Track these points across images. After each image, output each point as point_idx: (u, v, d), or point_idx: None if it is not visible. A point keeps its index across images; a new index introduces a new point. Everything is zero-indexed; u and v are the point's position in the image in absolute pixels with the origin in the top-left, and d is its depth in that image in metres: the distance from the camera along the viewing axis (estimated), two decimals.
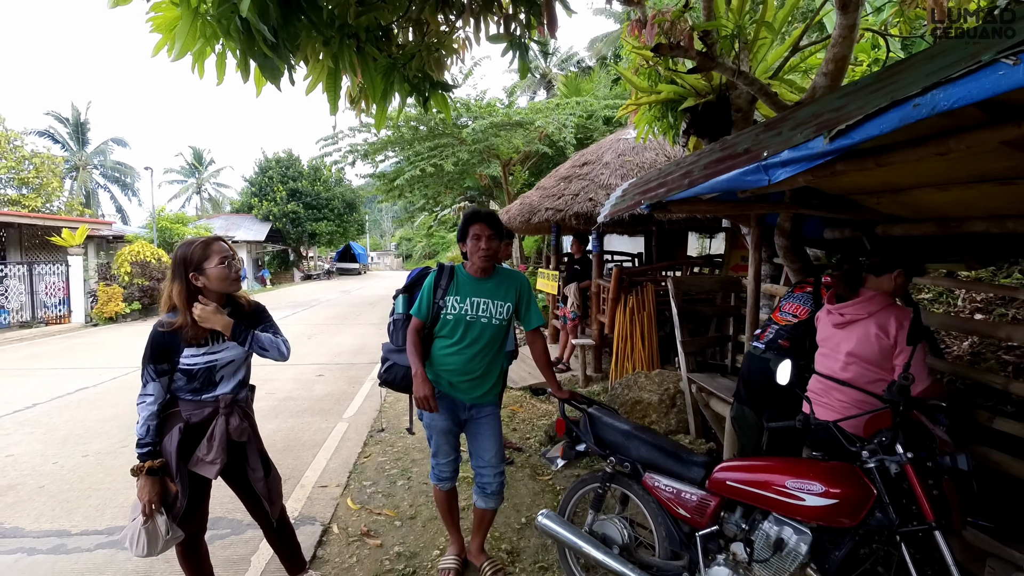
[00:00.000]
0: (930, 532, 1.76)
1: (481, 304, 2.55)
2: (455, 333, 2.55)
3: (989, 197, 2.67)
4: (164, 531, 2.08)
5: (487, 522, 2.78)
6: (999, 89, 1.09)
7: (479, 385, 2.59)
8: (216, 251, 2.11)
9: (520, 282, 2.66)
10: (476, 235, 2.54)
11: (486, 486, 2.66)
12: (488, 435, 2.63)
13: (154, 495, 2.05)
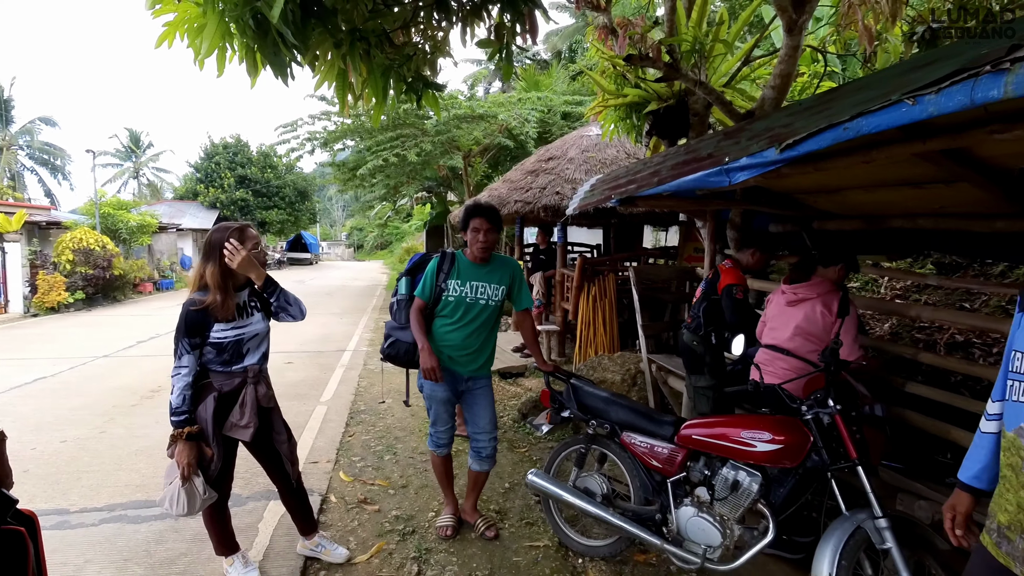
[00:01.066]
0: (854, 468, 2.20)
1: (479, 287, 2.84)
2: (456, 313, 2.83)
3: (905, 198, 3.17)
4: (202, 491, 2.29)
5: (480, 483, 3.09)
6: (902, 121, 1.48)
7: (476, 359, 2.89)
8: (250, 237, 2.32)
9: (514, 268, 2.97)
10: (476, 228, 2.82)
11: (481, 450, 2.96)
12: (483, 404, 2.94)
13: (193, 458, 2.25)
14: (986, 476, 1.51)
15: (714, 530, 2.36)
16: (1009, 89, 1.22)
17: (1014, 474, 1.35)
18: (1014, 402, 1.37)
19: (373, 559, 2.82)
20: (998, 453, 1.49)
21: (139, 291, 17.16)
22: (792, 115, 2.38)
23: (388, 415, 5.15)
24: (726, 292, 3.31)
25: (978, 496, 1.53)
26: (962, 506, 1.54)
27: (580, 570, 2.74)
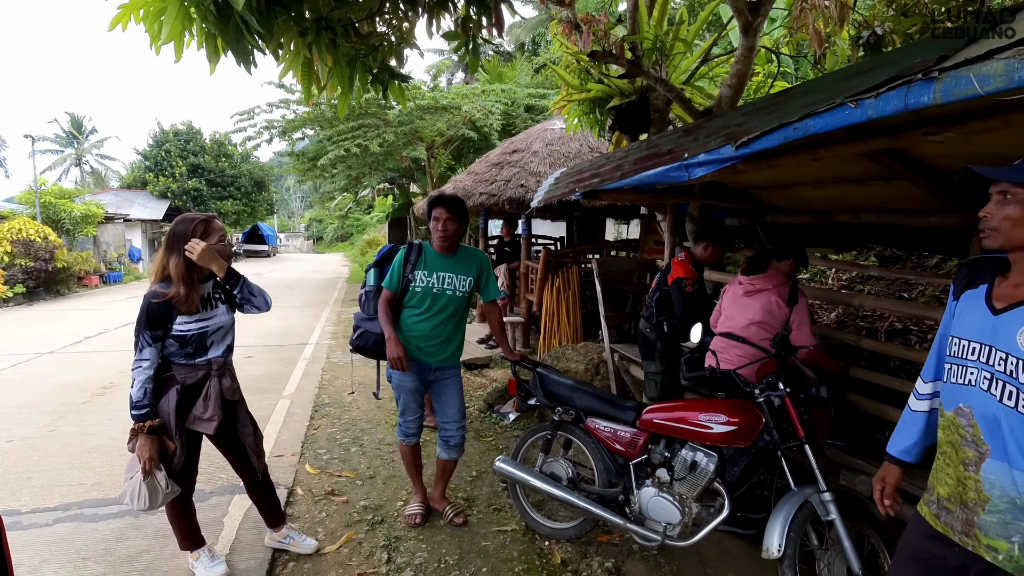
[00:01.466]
0: (801, 447, 2.35)
1: (446, 278, 2.87)
2: (423, 303, 2.86)
3: (850, 194, 3.36)
4: (164, 486, 2.26)
5: (448, 472, 3.14)
6: (845, 123, 1.60)
7: (444, 349, 2.93)
8: (216, 229, 2.29)
9: (481, 259, 3.01)
10: (436, 217, 2.86)
11: (449, 439, 3.01)
12: (452, 394, 2.98)
13: (154, 452, 2.22)
14: (915, 451, 1.63)
15: (674, 508, 2.49)
16: (937, 96, 1.34)
17: (953, 450, 1.45)
18: (952, 384, 1.46)
19: (342, 549, 2.84)
20: (928, 431, 1.61)
21: (84, 284, 16.37)
22: (746, 114, 2.50)
23: (354, 407, 5.13)
24: (675, 284, 3.46)
25: (906, 469, 1.65)
26: (892, 478, 1.66)
27: (547, 552, 2.83)
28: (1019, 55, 1.17)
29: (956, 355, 1.46)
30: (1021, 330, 1.31)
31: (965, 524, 1.40)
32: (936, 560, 1.47)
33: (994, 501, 1.34)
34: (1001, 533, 1.33)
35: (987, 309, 1.41)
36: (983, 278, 1.48)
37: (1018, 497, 1.30)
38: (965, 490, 1.40)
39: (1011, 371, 1.31)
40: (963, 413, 1.42)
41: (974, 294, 1.48)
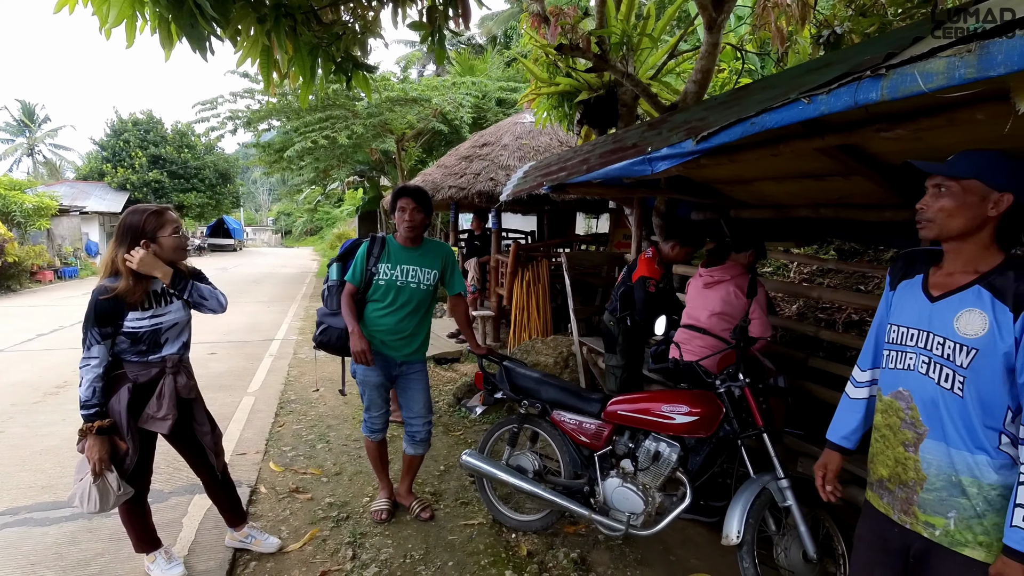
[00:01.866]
0: (760, 435, 2.41)
1: (410, 271, 2.84)
2: (387, 297, 2.83)
3: (809, 190, 3.45)
4: (116, 487, 2.18)
5: (415, 467, 3.12)
6: (799, 118, 1.63)
7: (408, 343, 2.89)
8: (169, 220, 2.21)
9: (446, 252, 2.98)
10: (402, 208, 2.82)
11: (415, 434, 2.99)
12: (417, 389, 2.96)
13: (104, 453, 2.14)
14: (854, 437, 1.70)
15: (637, 498, 2.52)
16: (885, 93, 1.37)
17: (892, 433, 1.52)
18: (892, 370, 1.53)
19: (306, 547, 2.80)
20: (867, 417, 1.68)
21: (37, 280, 15.70)
22: (708, 109, 2.54)
23: (320, 404, 5.05)
24: (639, 283, 3.48)
25: (846, 455, 1.72)
26: (832, 464, 1.73)
27: (513, 544, 2.84)
28: (959, 53, 1.21)
29: (895, 342, 1.53)
30: (957, 316, 1.38)
31: (904, 503, 1.47)
32: (882, 542, 1.54)
33: (931, 480, 1.40)
34: (938, 510, 1.40)
35: (924, 297, 1.48)
36: (918, 268, 1.55)
37: (953, 475, 1.37)
38: (904, 470, 1.47)
39: (948, 355, 1.38)
40: (902, 396, 1.48)
41: (910, 284, 1.55)
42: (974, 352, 1.34)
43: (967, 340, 1.35)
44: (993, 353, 1.31)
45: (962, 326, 1.37)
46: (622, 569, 2.67)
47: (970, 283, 1.40)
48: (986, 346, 1.32)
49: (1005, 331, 1.30)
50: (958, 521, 1.37)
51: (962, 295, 1.40)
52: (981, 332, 1.33)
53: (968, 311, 1.37)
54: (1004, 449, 1.33)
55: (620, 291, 3.71)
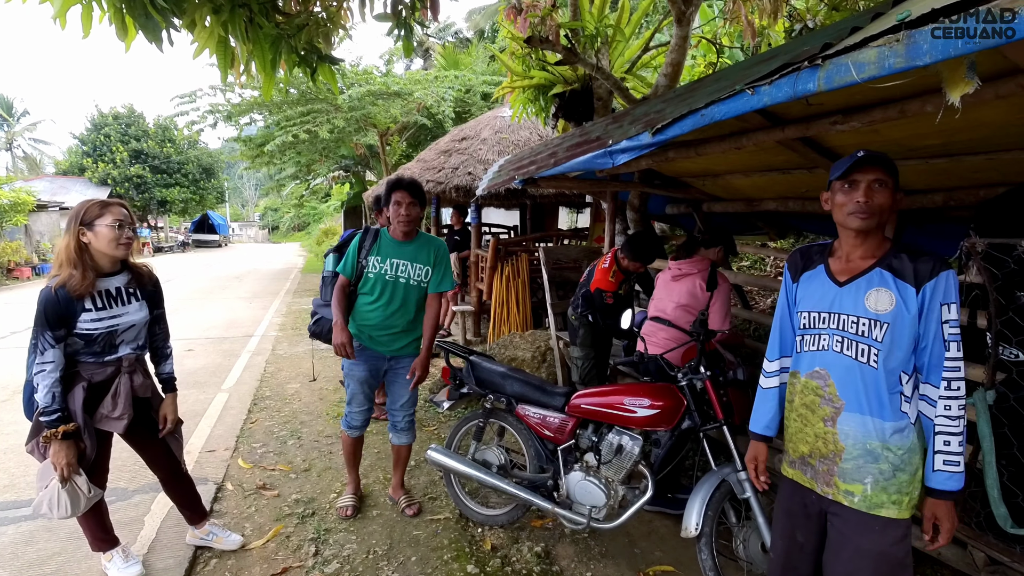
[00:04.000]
0: (720, 428, 2.42)
1: (400, 265, 2.79)
2: (375, 291, 2.80)
3: (776, 183, 3.46)
4: (86, 490, 2.15)
5: (403, 458, 3.10)
6: (745, 109, 1.62)
7: (397, 339, 2.85)
8: (112, 212, 2.15)
9: (438, 248, 2.89)
10: (397, 201, 2.75)
11: (397, 423, 2.99)
12: (403, 384, 2.91)
13: (72, 458, 2.10)
14: (773, 425, 1.83)
15: (599, 492, 2.52)
16: (821, 83, 1.37)
17: (810, 411, 1.65)
18: (808, 352, 1.67)
19: (269, 543, 2.77)
20: (781, 404, 1.80)
21: (14, 276, 15.42)
22: (666, 101, 2.53)
23: (295, 400, 5.01)
24: (597, 295, 3.48)
25: (770, 443, 1.85)
26: (761, 455, 1.86)
27: (479, 539, 2.83)
28: (888, 43, 1.20)
29: (808, 327, 1.67)
30: (867, 295, 1.54)
31: (826, 475, 1.61)
32: (802, 508, 1.70)
33: (848, 450, 1.56)
34: (856, 477, 1.55)
35: (831, 283, 1.63)
36: (815, 261, 1.72)
37: (869, 442, 1.53)
38: (824, 444, 1.61)
39: (863, 331, 1.54)
40: (819, 375, 1.63)
41: (813, 274, 1.70)
42: (886, 326, 1.50)
43: (880, 316, 1.51)
44: (902, 325, 1.49)
45: (873, 304, 1.53)
46: (586, 562, 2.68)
47: (871, 267, 1.57)
48: (895, 319, 1.50)
49: (910, 304, 1.49)
50: (874, 485, 1.53)
51: (868, 277, 1.56)
52: (890, 307, 1.50)
53: (876, 290, 1.53)
54: (904, 411, 1.52)
55: (582, 291, 3.70)
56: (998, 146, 2.28)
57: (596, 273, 3.51)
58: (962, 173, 2.63)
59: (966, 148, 2.38)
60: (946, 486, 1.46)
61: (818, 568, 1.72)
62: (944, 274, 1.48)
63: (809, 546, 1.72)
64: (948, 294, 1.48)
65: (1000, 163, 2.37)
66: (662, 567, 2.65)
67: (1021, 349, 1.87)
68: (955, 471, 1.45)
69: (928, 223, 3.27)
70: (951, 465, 1.45)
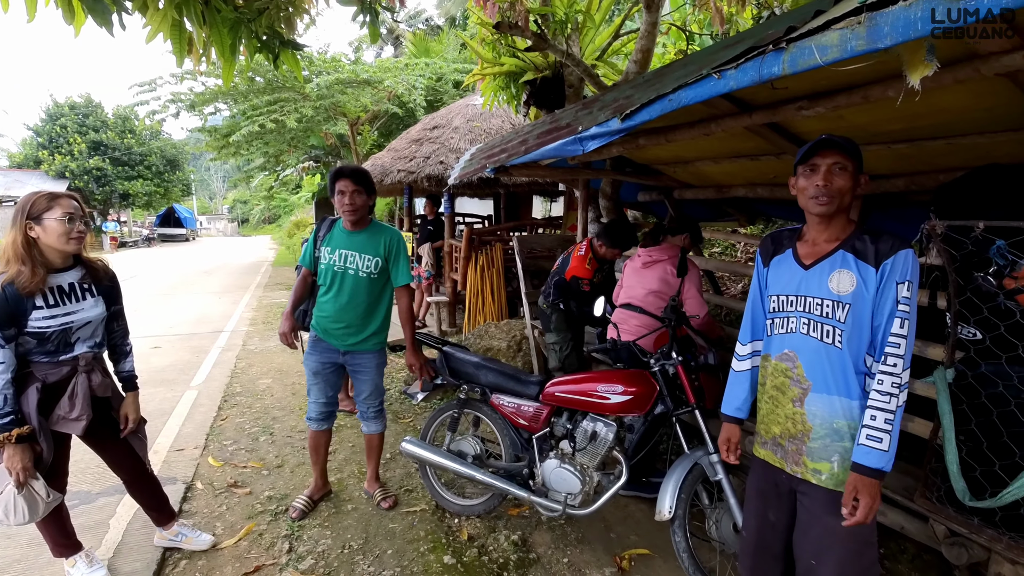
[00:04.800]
0: (693, 412, 2.44)
1: (349, 256, 2.73)
2: (326, 282, 2.76)
3: (745, 169, 3.49)
4: (45, 495, 2.07)
5: (375, 447, 3.05)
6: (712, 94, 1.62)
7: (351, 334, 2.78)
8: (62, 205, 2.05)
9: (390, 237, 2.81)
10: (341, 190, 2.69)
11: (364, 412, 2.96)
12: (364, 379, 2.87)
13: (27, 462, 2.01)
14: (745, 407, 1.88)
15: (574, 478, 2.53)
16: (786, 66, 1.37)
17: (780, 393, 1.69)
18: (777, 335, 1.70)
19: (241, 542, 2.72)
20: (753, 387, 1.84)
21: None
22: (635, 87, 2.52)
23: (267, 395, 4.91)
24: (573, 282, 3.47)
25: (741, 425, 1.90)
26: (734, 436, 1.91)
27: (455, 529, 2.83)
28: (850, 25, 1.21)
29: (777, 310, 1.71)
30: (830, 276, 1.57)
31: (795, 455, 1.65)
32: (773, 487, 1.74)
33: (816, 429, 1.60)
34: (823, 456, 1.59)
35: (798, 266, 1.66)
36: (785, 245, 1.75)
37: (835, 421, 1.57)
38: (794, 424, 1.65)
39: (827, 312, 1.57)
40: (788, 357, 1.66)
41: (782, 258, 1.73)
42: (848, 307, 1.54)
43: (842, 297, 1.55)
44: (863, 305, 1.53)
45: (835, 285, 1.57)
46: (563, 548, 2.69)
47: (835, 249, 1.60)
48: (856, 300, 1.53)
49: (870, 284, 1.52)
50: (841, 463, 1.56)
51: (831, 259, 1.60)
52: (851, 288, 1.54)
53: (839, 272, 1.57)
54: (867, 390, 1.54)
55: (554, 279, 3.68)
56: (957, 131, 2.33)
57: (572, 261, 3.50)
58: (923, 158, 2.69)
59: (927, 133, 2.43)
60: (866, 460, 1.45)
61: (789, 546, 1.76)
62: (902, 253, 1.50)
63: (780, 525, 1.76)
64: (904, 272, 1.50)
65: (959, 148, 2.43)
66: (638, 550, 2.68)
67: (979, 328, 1.92)
68: (876, 447, 1.45)
69: (892, 207, 3.35)
70: (874, 440, 1.45)
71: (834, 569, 1.59)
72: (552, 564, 2.59)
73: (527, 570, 2.54)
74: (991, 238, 1.79)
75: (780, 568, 1.80)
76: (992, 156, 2.39)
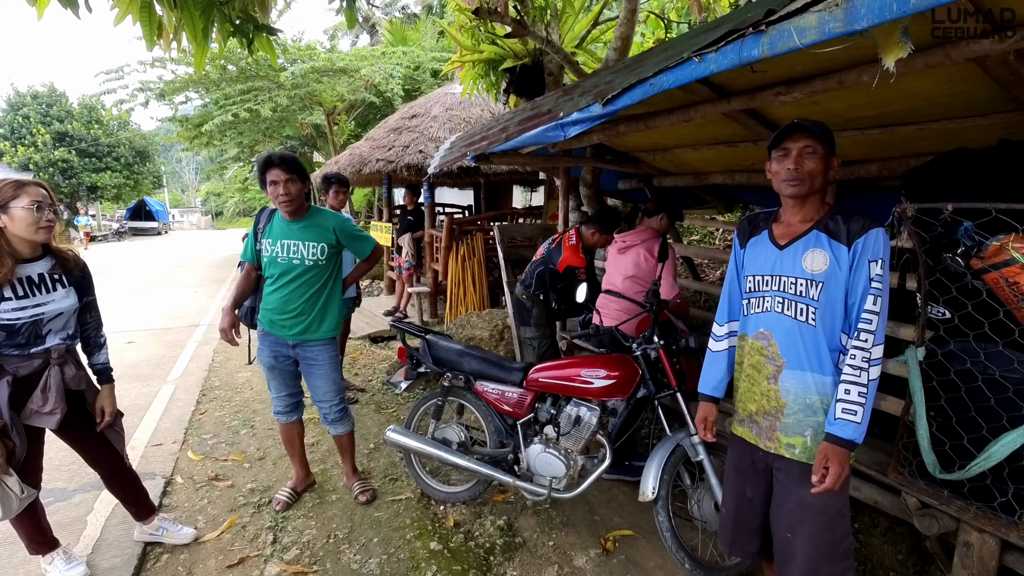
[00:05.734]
0: (674, 395, 2.48)
1: (291, 246, 2.65)
2: (272, 274, 2.69)
3: (723, 156, 3.54)
4: (19, 491, 2.02)
5: (346, 446, 3.02)
6: (692, 77, 1.64)
7: (298, 323, 2.71)
8: (29, 193, 1.98)
9: (334, 223, 2.72)
10: (274, 181, 2.56)
11: (326, 415, 2.89)
12: (317, 375, 2.80)
13: (1, 456, 1.96)
14: (722, 387, 1.93)
15: (559, 462, 2.56)
16: (765, 49, 1.39)
17: (756, 371, 1.74)
18: (753, 315, 1.75)
19: (224, 535, 2.69)
20: (730, 367, 1.89)
21: None
22: (615, 73, 2.53)
23: (247, 388, 4.85)
24: (567, 273, 3.40)
25: (717, 403, 1.96)
26: (711, 415, 1.96)
27: (441, 516, 2.84)
28: (828, 8, 1.23)
29: (753, 290, 1.75)
30: (804, 255, 1.62)
31: (769, 431, 1.71)
32: (750, 464, 1.80)
33: (790, 405, 1.65)
34: (796, 431, 1.65)
35: (773, 247, 1.71)
36: (761, 227, 1.79)
37: (808, 397, 1.62)
38: (768, 401, 1.70)
39: (800, 291, 1.62)
40: (763, 336, 1.71)
41: (758, 240, 1.78)
42: (821, 285, 1.58)
43: (815, 275, 1.59)
44: (836, 284, 1.57)
45: (809, 264, 1.61)
46: (548, 532, 2.72)
47: (809, 229, 1.64)
48: (829, 278, 1.57)
49: (843, 263, 1.56)
50: (814, 437, 1.62)
51: (805, 239, 1.64)
52: (824, 267, 1.58)
53: (812, 251, 1.61)
54: (840, 367, 1.59)
55: (537, 270, 3.58)
56: (927, 116, 2.39)
57: (565, 251, 3.41)
58: (895, 143, 2.75)
59: (899, 119, 2.49)
60: (840, 432, 1.51)
61: (766, 521, 1.81)
62: (873, 231, 1.55)
63: (757, 500, 1.82)
64: (876, 251, 1.54)
65: (929, 133, 2.49)
66: (622, 532, 2.72)
67: (947, 307, 1.98)
68: (850, 420, 1.50)
69: (865, 192, 3.42)
70: (848, 414, 1.50)
71: (808, 540, 1.65)
72: (538, 547, 2.62)
73: (513, 554, 2.57)
74: (959, 220, 1.84)
75: (758, 542, 1.87)
76: (960, 141, 2.46)
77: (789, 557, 1.71)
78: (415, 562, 2.49)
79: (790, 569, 1.70)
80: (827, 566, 1.64)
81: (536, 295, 3.59)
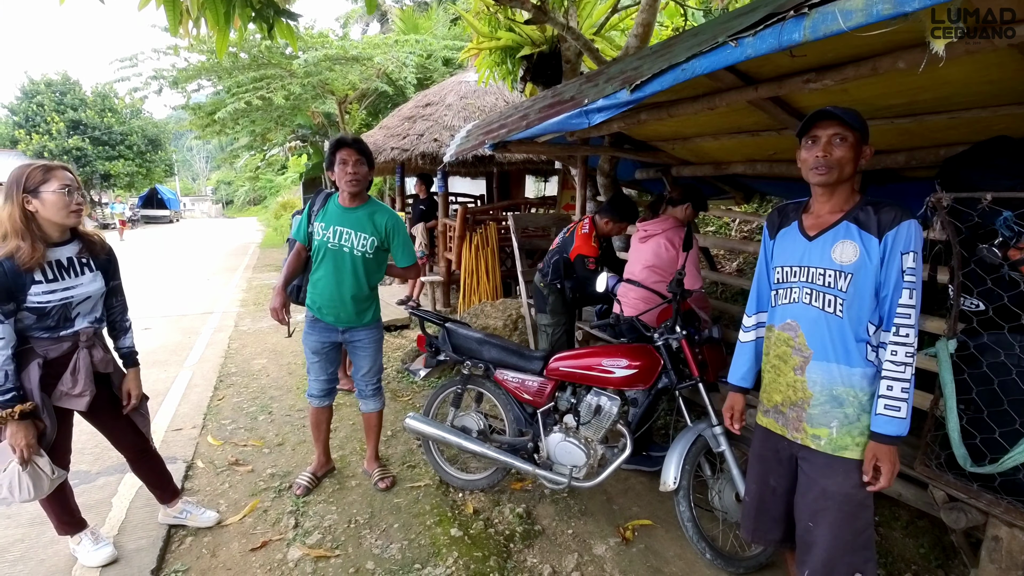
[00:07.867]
0: (696, 386, 2.47)
1: (344, 233, 2.67)
2: (319, 258, 2.71)
3: (745, 146, 3.49)
4: (49, 471, 2.06)
5: (374, 426, 3.03)
6: (728, 62, 1.60)
7: (348, 313, 2.74)
8: (58, 177, 1.99)
9: (388, 219, 2.75)
10: (343, 160, 2.60)
11: (362, 391, 2.94)
12: (363, 356, 2.86)
13: (31, 438, 1.99)
14: (750, 376, 1.93)
15: (579, 451, 2.56)
16: (807, 32, 1.36)
17: (782, 362, 1.73)
18: (781, 306, 1.74)
19: (246, 519, 2.72)
20: (756, 357, 1.89)
21: None
22: (642, 58, 2.49)
23: (263, 375, 4.89)
24: (579, 262, 3.39)
25: (745, 393, 1.96)
26: (738, 404, 1.97)
27: (459, 504, 2.85)
28: None
29: (781, 281, 1.74)
30: (834, 247, 1.60)
31: (795, 421, 1.70)
32: (774, 454, 1.80)
33: (816, 396, 1.64)
34: (822, 422, 1.64)
35: (803, 237, 1.69)
36: (791, 217, 1.77)
37: (834, 388, 1.61)
38: (795, 392, 1.69)
39: (829, 282, 1.60)
40: (791, 327, 1.70)
41: (788, 231, 1.76)
42: (850, 276, 1.56)
43: (844, 267, 1.57)
44: (865, 275, 1.55)
45: (838, 255, 1.59)
46: (566, 520, 2.73)
47: (839, 220, 1.62)
48: (859, 269, 1.56)
49: (873, 254, 1.54)
50: (839, 429, 1.62)
51: (835, 230, 1.62)
52: (854, 258, 1.56)
53: (842, 242, 1.59)
54: (870, 359, 1.59)
55: (554, 259, 3.58)
56: (959, 105, 2.33)
57: (577, 239, 3.42)
58: (924, 133, 2.70)
59: (929, 107, 2.43)
60: (885, 429, 1.52)
61: (789, 510, 1.81)
62: (905, 223, 1.52)
63: (780, 489, 1.82)
64: (909, 243, 1.52)
65: (960, 122, 2.44)
66: (640, 521, 2.72)
67: (981, 299, 1.95)
68: (895, 416, 1.50)
69: (890, 183, 3.37)
70: (892, 410, 1.51)
71: (829, 529, 1.65)
72: (557, 535, 2.63)
73: (533, 541, 2.58)
74: (998, 209, 1.80)
75: (780, 530, 1.87)
76: (993, 130, 2.40)
77: (810, 546, 1.71)
78: (436, 548, 2.51)
79: (810, 557, 1.70)
80: (847, 556, 1.65)
81: (553, 283, 3.59)
